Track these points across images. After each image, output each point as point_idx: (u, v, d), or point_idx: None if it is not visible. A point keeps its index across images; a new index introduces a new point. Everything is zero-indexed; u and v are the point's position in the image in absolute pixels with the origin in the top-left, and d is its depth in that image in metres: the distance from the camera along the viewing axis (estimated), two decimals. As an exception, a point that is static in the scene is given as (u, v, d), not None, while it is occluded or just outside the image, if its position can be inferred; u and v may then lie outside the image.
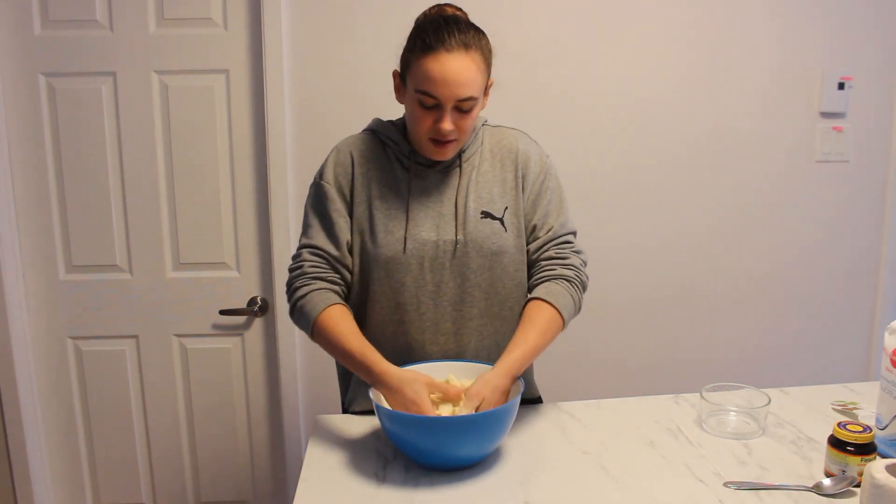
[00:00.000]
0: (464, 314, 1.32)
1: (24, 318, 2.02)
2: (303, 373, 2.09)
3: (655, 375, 2.17)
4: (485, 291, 1.32)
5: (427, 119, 1.24)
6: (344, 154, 1.35)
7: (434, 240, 1.30)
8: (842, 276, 2.20)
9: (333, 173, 1.34)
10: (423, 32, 1.22)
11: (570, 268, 1.33)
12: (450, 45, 1.19)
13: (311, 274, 1.31)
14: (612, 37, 2.00)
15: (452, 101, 1.21)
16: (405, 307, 1.31)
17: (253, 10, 1.92)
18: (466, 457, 1.15)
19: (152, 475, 2.16)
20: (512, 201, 1.34)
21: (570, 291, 1.30)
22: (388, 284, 1.31)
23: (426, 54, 1.20)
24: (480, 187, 1.33)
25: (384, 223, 1.30)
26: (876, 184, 2.16)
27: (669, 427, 1.31)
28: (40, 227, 2.00)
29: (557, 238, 1.35)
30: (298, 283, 1.31)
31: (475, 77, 1.21)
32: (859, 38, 2.07)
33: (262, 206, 2.03)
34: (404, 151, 1.33)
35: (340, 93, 1.96)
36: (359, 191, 1.32)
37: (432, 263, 1.30)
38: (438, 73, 1.19)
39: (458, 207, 1.31)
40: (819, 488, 1.07)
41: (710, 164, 2.09)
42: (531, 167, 1.35)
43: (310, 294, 1.29)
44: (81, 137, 1.96)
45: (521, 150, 1.36)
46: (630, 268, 2.12)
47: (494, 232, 1.31)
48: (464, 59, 1.20)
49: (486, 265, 1.31)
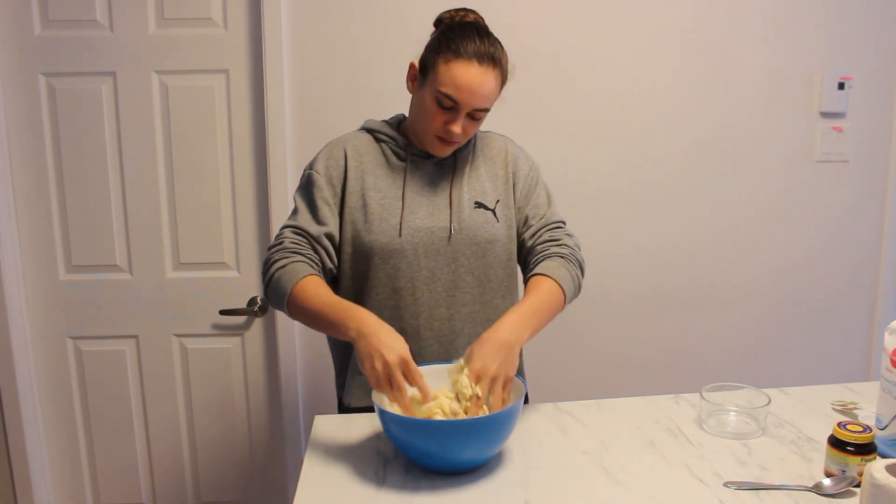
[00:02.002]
0: (457, 300, 1.37)
1: (24, 318, 2.02)
2: (303, 373, 2.09)
3: (655, 375, 2.17)
4: (477, 278, 1.37)
5: (440, 118, 1.29)
6: (337, 148, 1.39)
7: (428, 227, 1.34)
8: (842, 276, 2.20)
9: (325, 165, 1.37)
10: (455, 36, 1.26)
11: (564, 247, 1.39)
12: (482, 57, 1.25)
13: (290, 249, 1.31)
14: (613, 37, 2.01)
15: (471, 108, 1.26)
16: (400, 292, 1.35)
17: (253, 10, 1.92)
18: (469, 460, 1.14)
19: (152, 475, 2.16)
20: (503, 195, 1.41)
21: (567, 266, 1.35)
22: (383, 270, 1.34)
23: (458, 59, 1.24)
24: (474, 181, 1.39)
25: (379, 212, 1.33)
26: (876, 184, 2.16)
27: (669, 427, 1.31)
28: (40, 227, 2.00)
29: (550, 224, 1.42)
30: (277, 257, 1.30)
31: (495, 91, 1.29)
32: (859, 38, 2.07)
33: (262, 206, 2.03)
34: (400, 144, 1.38)
35: (340, 92, 1.96)
36: (352, 182, 1.36)
37: (426, 250, 1.34)
38: (466, 82, 1.24)
39: (452, 197, 1.36)
40: (819, 488, 1.07)
41: (710, 164, 2.09)
42: (521, 166, 1.44)
43: (290, 264, 1.28)
44: (81, 137, 1.97)
45: (509, 150, 1.45)
46: (630, 268, 2.12)
47: (487, 221, 1.37)
48: (490, 73, 1.26)
49: (478, 252, 1.36)
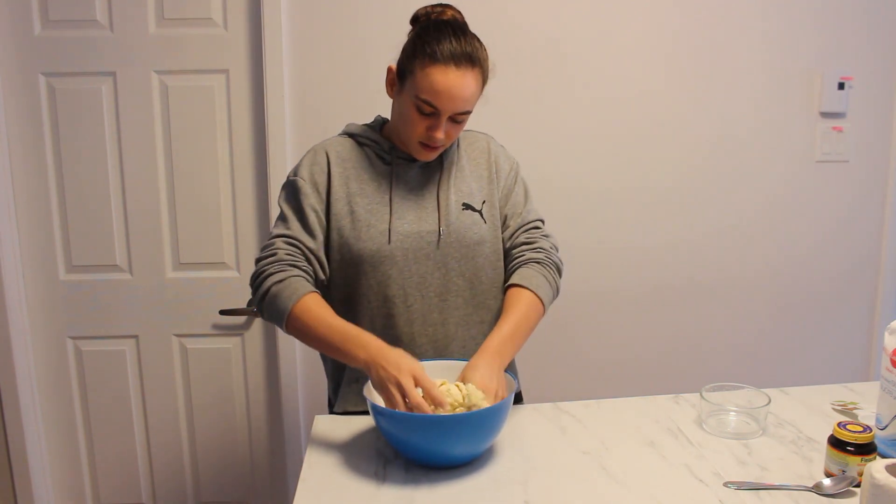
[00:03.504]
0: (449, 304, 1.35)
1: (24, 318, 2.02)
2: (303, 373, 2.09)
3: (655, 375, 2.17)
4: (468, 281, 1.36)
5: (421, 124, 1.26)
6: (320, 154, 1.35)
7: (417, 231, 1.32)
8: (842, 276, 2.20)
9: (309, 171, 1.33)
10: (430, 39, 1.21)
11: (540, 251, 1.38)
12: (459, 59, 1.20)
13: (286, 261, 1.27)
14: (613, 37, 2.00)
15: (452, 112, 1.24)
16: (393, 300, 1.32)
17: (253, 10, 1.92)
18: (460, 455, 1.15)
19: (152, 475, 2.16)
20: (488, 195, 1.39)
21: (543, 272, 1.35)
22: (374, 278, 1.32)
23: (434, 65, 1.20)
24: (460, 182, 1.37)
25: (366, 218, 1.31)
26: (876, 184, 2.16)
27: (669, 427, 1.31)
28: (40, 227, 2.00)
29: (526, 224, 1.41)
30: (273, 269, 1.25)
31: (476, 92, 1.25)
32: (859, 39, 2.07)
33: (262, 206, 2.03)
34: (385, 148, 1.35)
35: (340, 92, 1.96)
36: (336, 188, 1.32)
37: (416, 255, 1.32)
38: (444, 87, 1.20)
39: (440, 200, 1.34)
40: (819, 488, 1.07)
41: (710, 164, 2.09)
42: (502, 164, 1.42)
43: (288, 279, 1.24)
44: (81, 137, 1.97)
45: (491, 149, 1.43)
46: (630, 268, 2.12)
47: (475, 223, 1.35)
48: (469, 75, 1.22)
49: (468, 255, 1.34)
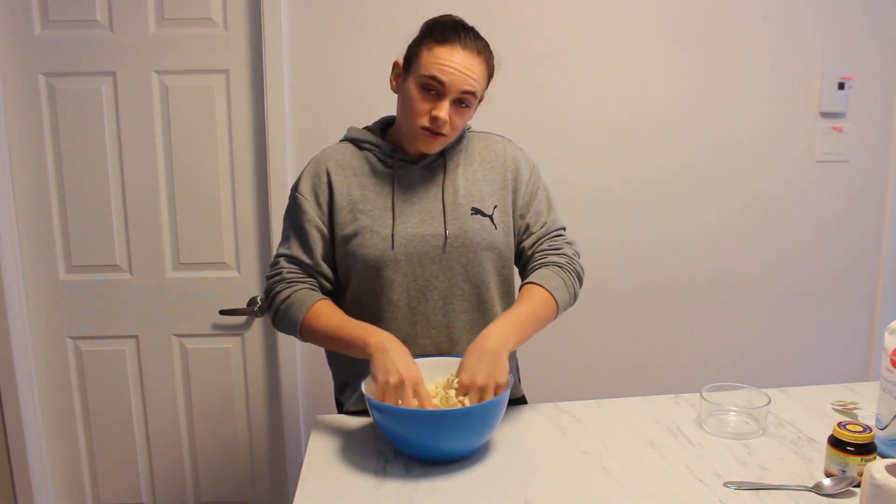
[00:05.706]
0: (454, 307, 1.35)
1: (24, 318, 2.02)
2: (303, 373, 2.09)
3: (655, 375, 2.17)
4: (475, 286, 1.35)
5: (425, 105, 1.26)
6: (320, 165, 1.37)
7: (422, 234, 1.32)
8: (842, 276, 2.20)
9: (310, 184, 1.36)
10: (439, 27, 1.27)
11: (562, 255, 1.38)
12: (465, 42, 1.25)
13: (290, 279, 1.34)
14: (614, 39, 2.00)
15: (457, 91, 1.25)
16: (396, 303, 1.33)
17: (253, 10, 1.92)
18: (455, 450, 1.16)
19: (152, 475, 2.16)
20: (501, 201, 1.37)
21: (562, 276, 1.34)
22: (378, 283, 1.32)
23: (442, 44, 1.25)
24: (469, 184, 1.36)
25: (369, 224, 1.31)
26: (876, 184, 2.16)
27: (669, 427, 1.31)
28: (40, 227, 2.00)
29: (551, 232, 1.41)
30: (280, 288, 1.34)
31: (480, 77, 1.28)
32: (859, 39, 2.07)
33: (262, 206, 2.03)
34: (386, 151, 1.36)
35: (340, 93, 1.96)
36: (339, 198, 1.34)
37: (421, 258, 1.32)
38: (450, 62, 1.24)
39: (445, 202, 1.34)
40: (819, 488, 1.07)
41: (711, 164, 2.09)
42: (522, 171, 1.40)
43: (295, 293, 1.32)
44: (81, 137, 1.96)
45: (509, 155, 1.41)
46: (630, 268, 2.12)
47: (484, 227, 1.34)
48: (475, 59, 1.26)
49: (475, 260, 1.34)
